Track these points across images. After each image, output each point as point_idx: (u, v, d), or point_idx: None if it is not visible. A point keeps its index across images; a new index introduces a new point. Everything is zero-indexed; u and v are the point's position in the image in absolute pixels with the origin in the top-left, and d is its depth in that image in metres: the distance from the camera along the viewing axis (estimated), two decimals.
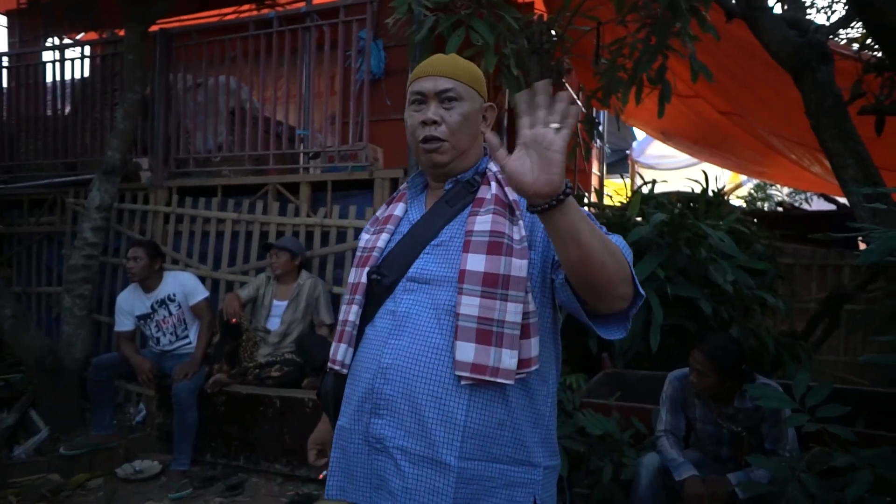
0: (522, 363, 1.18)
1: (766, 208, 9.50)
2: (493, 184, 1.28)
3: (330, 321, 3.77)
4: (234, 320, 3.56)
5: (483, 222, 1.22)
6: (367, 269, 1.33)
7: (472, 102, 1.31)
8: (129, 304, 3.74)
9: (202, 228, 4.48)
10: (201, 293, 3.76)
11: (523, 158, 0.99)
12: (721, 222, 3.68)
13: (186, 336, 3.74)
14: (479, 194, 1.29)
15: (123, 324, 3.74)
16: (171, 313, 3.70)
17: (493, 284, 1.17)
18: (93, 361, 3.67)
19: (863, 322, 2.83)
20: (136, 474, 3.41)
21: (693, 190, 4.49)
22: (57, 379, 3.91)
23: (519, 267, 1.18)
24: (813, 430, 1.87)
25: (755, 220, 5.27)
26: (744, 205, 9.02)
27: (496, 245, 1.19)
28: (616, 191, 7.10)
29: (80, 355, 3.99)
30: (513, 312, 1.17)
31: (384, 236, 1.36)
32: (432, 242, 1.29)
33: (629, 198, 4.13)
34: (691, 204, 4.09)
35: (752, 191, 10.56)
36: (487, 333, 1.16)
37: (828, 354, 5.20)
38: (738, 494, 2.15)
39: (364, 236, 1.43)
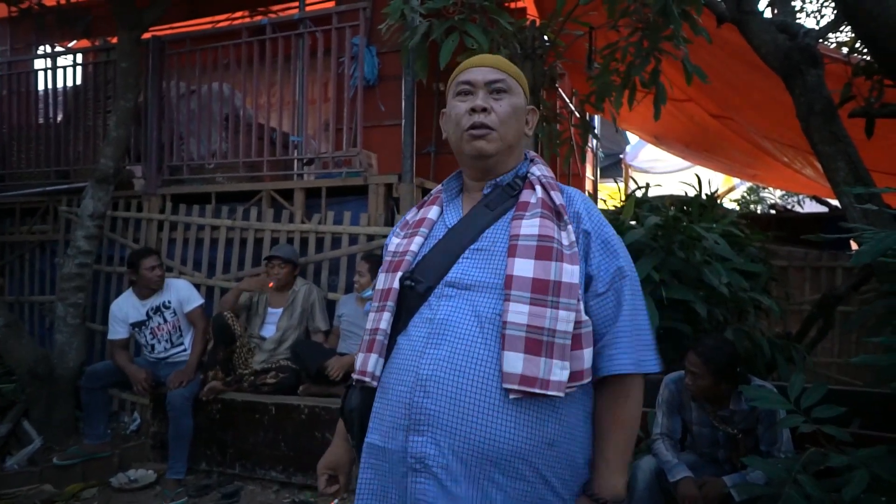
0: (574, 376, 1.12)
1: (758, 211, 9.55)
2: (538, 187, 1.23)
3: (325, 327, 3.77)
4: (240, 290, 3.68)
5: (530, 226, 1.16)
6: (398, 274, 1.23)
7: (519, 98, 1.27)
8: (124, 311, 3.72)
9: (196, 236, 4.46)
10: (196, 300, 3.75)
11: None
12: (715, 225, 3.69)
13: (181, 343, 3.72)
14: (523, 198, 1.23)
15: (117, 332, 3.72)
16: (166, 320, 3.69)
17: (544, 291, 1.11)
18: (86, 370, 3.66)
19: (856, 323, 2.83)
20: (130, 483, 3.39)
21: (686, 193, 4.50)
22: (50, 388, 3.88)
23: (570, 273, 1.13)
24: (808, 432, 1.88)
25: (748, 222, 5.29)
26: (737, 208, 9.06)
27: (546, 250, 1.13)
28: (610, 195, 7.12)
29: (73, 364, 3.97)
30: (564, 321, 1.10)
31: (417, 240, 1.27)
32: (472, 247, 1.21)
33: (623, 202, 4.14)
34: (685, 207, 4.10)
35: (745, 193, 10.62)
36: (537, 343, 1.09)
37: (822, 356, 5.22)
38: (734, 496, 2.15)
39: (393, 240, 1.34)
